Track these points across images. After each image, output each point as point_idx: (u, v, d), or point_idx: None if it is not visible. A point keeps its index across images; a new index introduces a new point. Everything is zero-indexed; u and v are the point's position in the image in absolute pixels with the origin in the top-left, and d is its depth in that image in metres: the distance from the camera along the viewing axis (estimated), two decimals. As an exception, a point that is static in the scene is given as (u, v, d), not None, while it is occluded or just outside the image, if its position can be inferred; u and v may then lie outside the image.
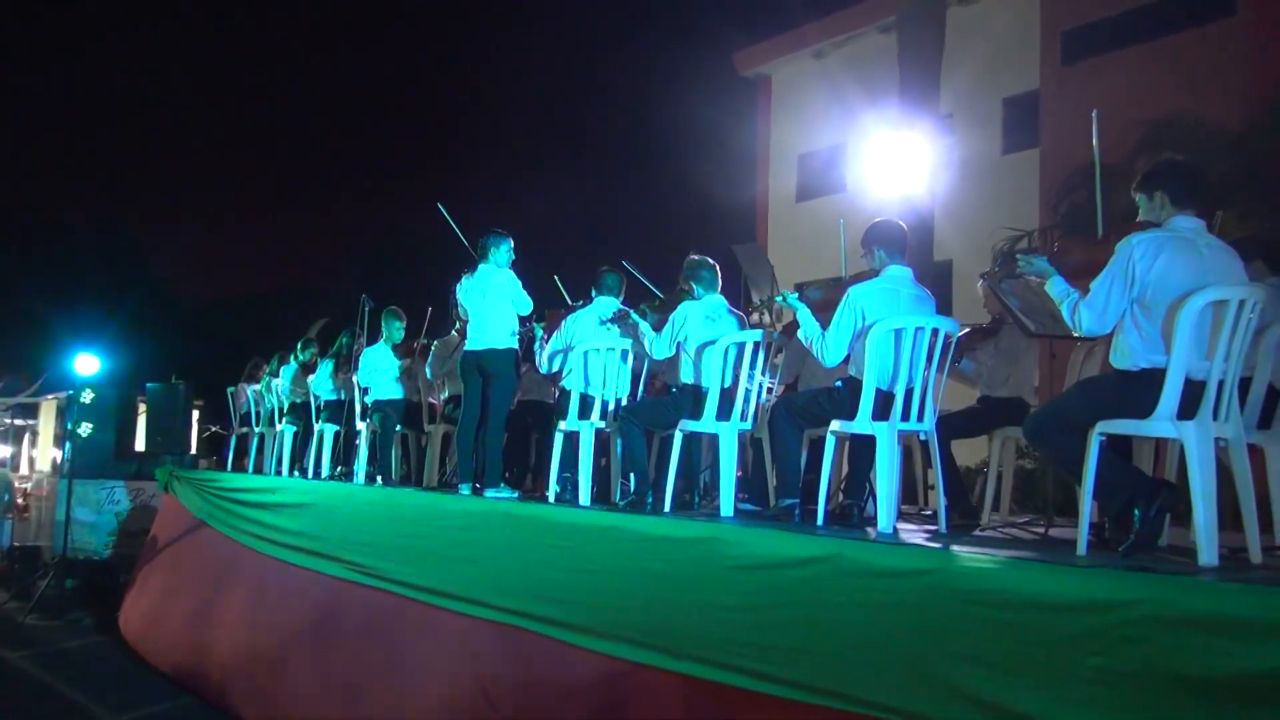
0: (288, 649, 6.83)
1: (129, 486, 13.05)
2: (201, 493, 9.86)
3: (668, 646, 4.10)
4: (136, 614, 10.07)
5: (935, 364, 4.74)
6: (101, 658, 9.75)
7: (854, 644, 3.45)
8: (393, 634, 5.92)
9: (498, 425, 6.73)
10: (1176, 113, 10.71)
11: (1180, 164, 4.04)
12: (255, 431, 11.00)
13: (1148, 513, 3.76)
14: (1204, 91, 12.58)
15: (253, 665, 7.21)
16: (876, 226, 5.15)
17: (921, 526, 5.24)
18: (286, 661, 6.80)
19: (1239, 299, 3.62)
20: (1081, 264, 4.04)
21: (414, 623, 5.75)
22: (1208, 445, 3.61)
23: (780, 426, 5.20)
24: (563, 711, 4.55)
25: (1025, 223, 12.51)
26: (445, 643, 5.45)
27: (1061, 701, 2.84)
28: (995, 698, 2.99)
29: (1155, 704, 2.67)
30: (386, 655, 5.89)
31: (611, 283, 6.62)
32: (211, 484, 9.84)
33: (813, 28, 20.38)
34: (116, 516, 12.92)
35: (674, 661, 4.06)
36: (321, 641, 6.54)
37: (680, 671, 4.02)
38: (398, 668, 5.73)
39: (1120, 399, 3.77)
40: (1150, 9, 14.38)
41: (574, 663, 4.57)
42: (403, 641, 5.82)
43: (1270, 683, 2.49)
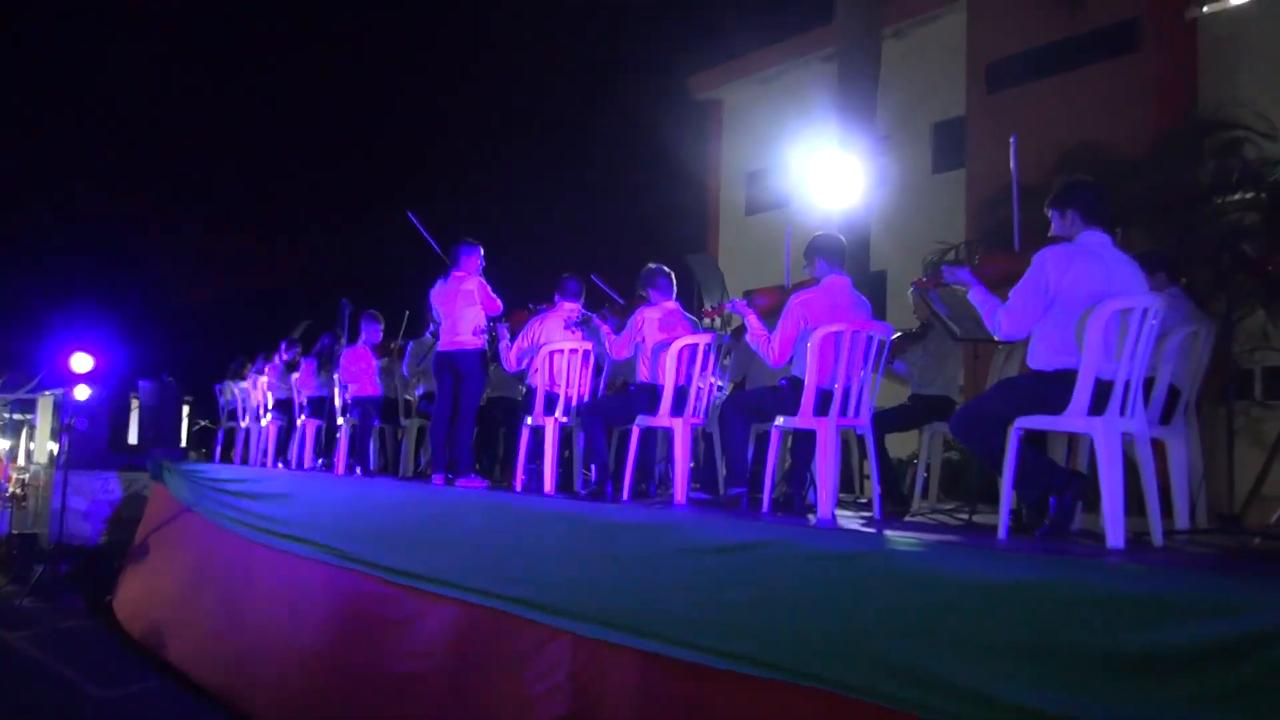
0: (268, 628, 6.73)
1: (121, 477, 12.83)
2: (190, 483, 9.70)
3: (626, 625, 4.08)
4: (127, 597, 9.89)
5: (870, 365, 4.77)
6: (94, 638, 9.58)
7: (795, 621, 3.45)
8: (368, 614, 5.86)
9: (468, 420, 6.69)
10: (1087, 138, 10.86)
11: (1089, 184, 4.08)
12: (242, 426, 10.89)
13: (1061, 501, 3.80)
14: (1111, 120, 12.76)
15: (235, 643, 7.09)
16: (818, 239, 5.18)
17: (857, 513, 5.27)
18: (266, 640, 6.70)
19: (1143, 307, 3.67)
20: (1001, 274, 4.07)
21: (388, 603, 5.69)
22: (1115, 439, 3.66)
23: (729, 422, 5.21)
24: (530, 687, 4.52)
25: (953, 237, 12.60)
26: (418, 623, 5.40)
27: (981, 673, 2.85)
28: (922, 670, 3.00)
29: (1065, 675, 2.68)
30: (362, 634, 5.83)
31: (574, 288, 6.60)
32: (200, 475, 9.69)
33: (761, 56, 20.49)
34: (110, 505, 12.69)
35: (632, 639, 4.04)
36: (299, 621, 6.46)
37: (638, 648, 4.01)
38: (372, 646, 5.67)
39: (1037, 397, 3.81)
40: (1064, 44, 14.56)
41: (540, 641, 4.54)
42: (377, 621, 5.76)
43: (1169, 655, 2.51)
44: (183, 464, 10.94)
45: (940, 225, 13.89)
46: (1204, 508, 4.60)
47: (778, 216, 18.82)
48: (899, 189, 15.99)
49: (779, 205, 19.33)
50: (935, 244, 11.55)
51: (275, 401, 9.98)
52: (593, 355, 6.33)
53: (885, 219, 13.79)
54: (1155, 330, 3.76)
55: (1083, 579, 2.83)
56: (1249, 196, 9.47)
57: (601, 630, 4.19)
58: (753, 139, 20.66)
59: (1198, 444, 4.61)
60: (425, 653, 5.22)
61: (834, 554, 3.50)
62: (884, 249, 12.93)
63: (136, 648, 8.77)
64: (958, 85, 16.59)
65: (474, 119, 33.72)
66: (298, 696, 6.10)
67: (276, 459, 9.74)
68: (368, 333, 8.53)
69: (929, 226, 13.70)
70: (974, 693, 2.84)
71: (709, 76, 21.85)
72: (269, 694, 6.39)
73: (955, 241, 12.11)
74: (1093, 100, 13.79)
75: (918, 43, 17.65)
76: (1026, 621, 2.83)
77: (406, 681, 5.27)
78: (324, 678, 5.94)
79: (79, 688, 7.72)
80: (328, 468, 8.76)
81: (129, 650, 8.82)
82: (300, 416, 9.31)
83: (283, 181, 30.57)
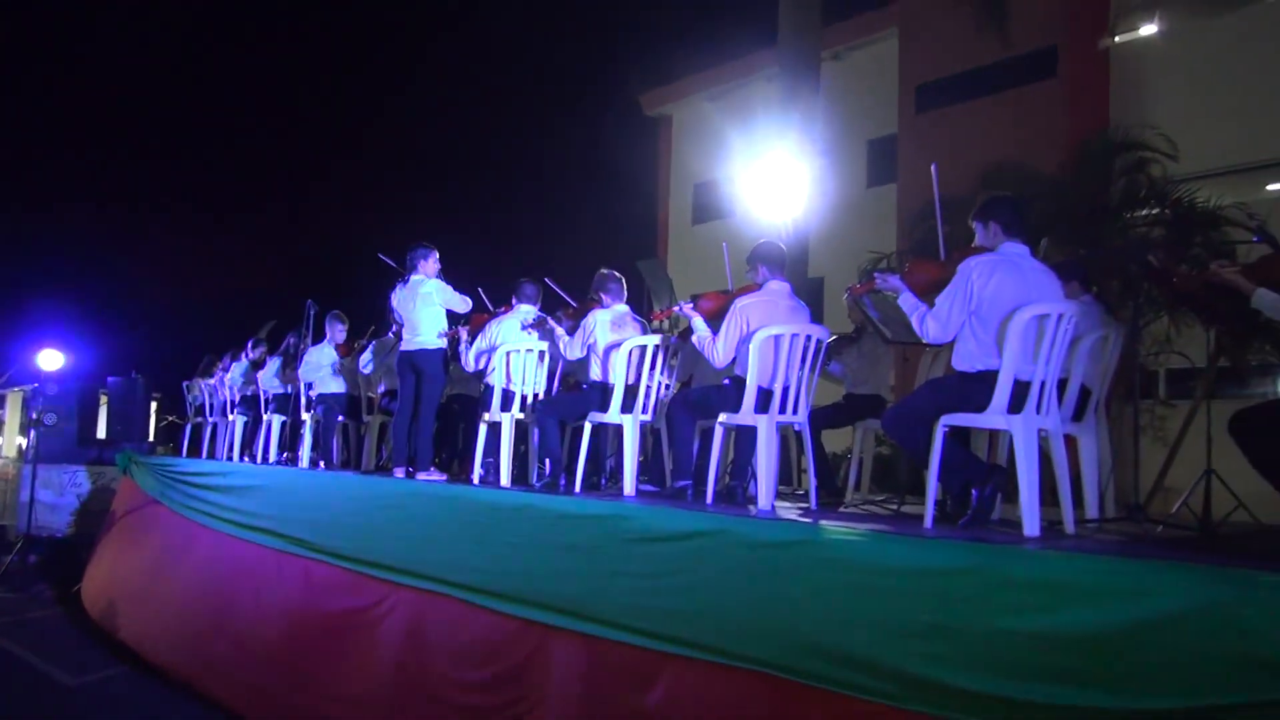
0: (232, 614, 6.59)
1: (90, 471, 12.50)
2: (158, 476, 9.48)
3: (577, 610, 4.07)
4: (94, 586, 9.63)
5: (808, 365, 4.80)
6: (61, 626, 9.30)
7: (736, 606, 3.46)
8: (330, 601, 5.77)
9: (429, 416, 6.64)
10: (1008, 156, 11.03)
11: (1010, 199, 4.15)
12: (209, 421, 10.72)
13: (983, 492, 3.85)
14: (1030, 139, 13.00)
15: (199, 629, 6.93)
16: (761, 247, 5.20)
17: (795, 504, 5.30)
18: (230, 625, 6.56)
19: (1058, 313, 3.74)
20: (929, 281, 4.12)
21: (350, 591, 5.61)
22: (1032, 435, 3.72)
23: (676, 418, 5.22)
24: (482, 670, 4.49)
25: (885, 246, 12.75)
26: (378, 608, 5.33)
27: (907, 653, 2.87)
28: (854, 651, 3.01)
29: (984, 654, 2.71)
30: (323, 620, 5.73)
31: (530, 292, 6.58)
32: (168, 468, 9.48)
33: (708, 75, 20.57)
34: (78, 498, 12.34)
35: (582, 623, 4.03)
36: (263, 608, 6.34)
37: (587, 633, 3.99)
38: (332, 632, 5.58)
39: (961, 396, 3.85)
40: (988, 69, 14.79)
41: (494, 626, 4.50)
42: (338, 607, 5.67)
43: (1078, 635, 2.55)
44: (150, 458, 10.71)
45: (874, 235, 14.06)
46: (1112, 498, 4.69)
47: (723, 226, 18.90)
48: (836, 201, 16.12)
49: (724, 215, 19.41)
50: (869, 253, 11.68)
51: (241, 398, 9.84)
52: (547, 355, 6.31)
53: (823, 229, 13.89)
54: (1069, 335, 3.83)
55: (1000, 565, 2.87)
56: (1155, 212, 9.71)
57: (553, 616, 4.17)
58: (700, 153, 20.74)
59: (1107, 440, 4.70)
60: (383, 638, 5.15)
61: (773, 542, 3.51)
62: (821, 257, 13.02)
63: (103, 636, 8.54)
64: (890, 105, 16.80)
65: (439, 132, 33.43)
66: (259, 679, 5.98)
67: (242, 453, 9.61)
68: (331, 332, 8.45)
69: (863, 236, 13.86)
70: (900, 672, 2.87)
71: (659, 94, 21.91)
72: (231, 677, 6.25)
73: (887, 251, 12.26)
74: (1013, 121, 14.04)
75: (854, 65, 17.86)
76: (949, 605, 2.86)
77: (364, 665, 5.19)
78: (285, 661, 5.84)
79: (47, 675, 7.50)
80: (292, 462, 8.65)
81: (96, 638, 8.59)
82: (266, 412, 9.19)
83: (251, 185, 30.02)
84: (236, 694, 6.14)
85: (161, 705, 6.75)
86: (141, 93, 30.22)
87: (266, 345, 9.72)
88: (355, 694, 5.13)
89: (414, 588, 5.09)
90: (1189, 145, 10.69)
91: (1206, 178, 11.12)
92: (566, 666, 4.05)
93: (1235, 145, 12.89)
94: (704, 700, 3.47)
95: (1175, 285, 4.44)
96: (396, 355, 6.88)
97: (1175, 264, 4.75)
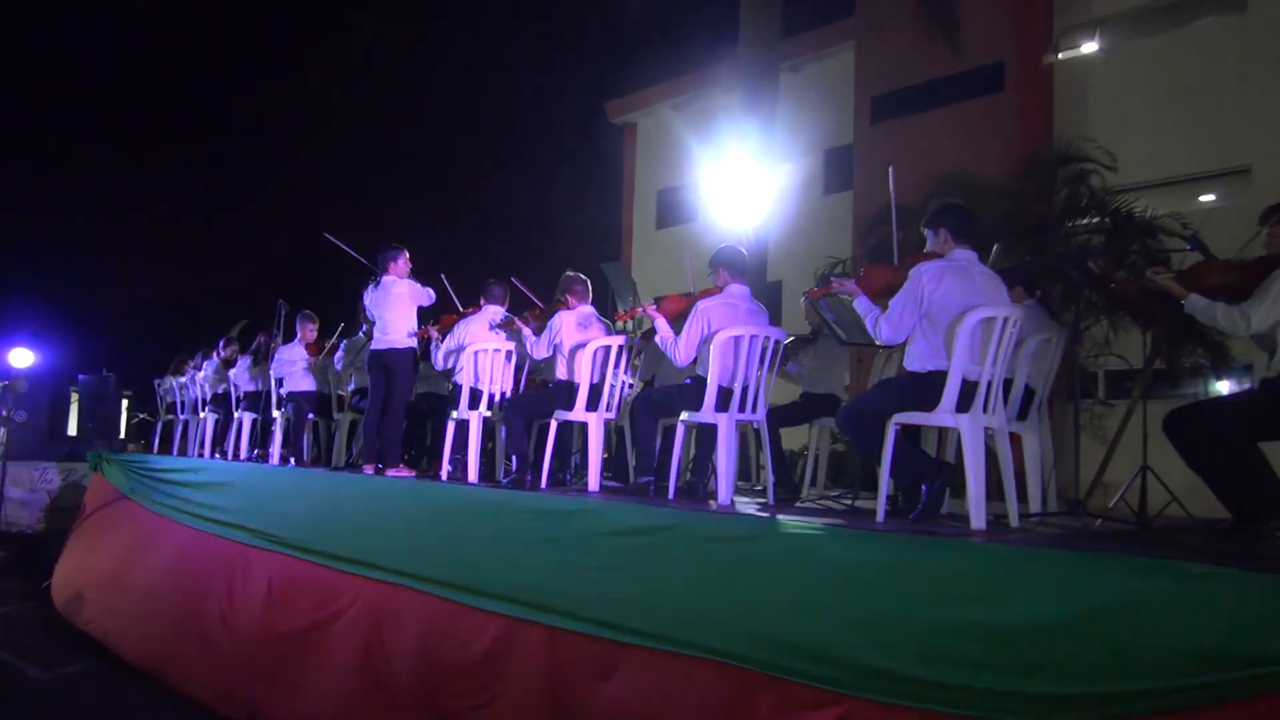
0: (202, 607, 6.48)
1: (60, 468, 12.23)
2: (129, 472, 9.31)
3: (541, 603, 4.04)
4: (64, 581, 9.42)
5: (767, 366, 4.82)
6: (31, 621, 9.10)
7: (696, 598, 3.46)
8: (299, 595, 5.69)
9: (399, 414, 6.60)
10: (958, 166, 11.15)
11: (959, 207, 4.19)
12: (180, 419, 10.55)
13: (932, 487, 3.89)
14: (979, 150, 13.17)
15: (169, 625, 6.82)
16: (722, 251, 5.21)
17: (754, 499, 5.32)
18: (200, 618, 6.45)
19: (1004, 316, 3.78)
20: (882, 285, 4.15)
21: (318, 585, 5.54)
22: (979, 433, 3.76)
23: (639, 416, 5.22)
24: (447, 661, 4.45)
25: (841, 251, 12.84)
26: (345, 601, 5.26)
27: (859, 642, 2.89)
28: (807, 640, 3.02)
29: (931, 643, 2.74)
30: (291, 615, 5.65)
31: (498, 293, 6.54)
32: (139, 465, 9.32)
33: (670, 84, 20.62)
34: (48, 495, 12.08)
35: (546, 616, 4.00)
36: (233, 601, 6.24)
37: (550, 625, 3.97)
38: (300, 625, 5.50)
39: (912, 395, 3.88)
40: (940, 82, 14.96)
41: (460, 619, 4.47)
42: (307, 601, 5.60)
43: (1022, 625, 2.58)
44: (122, 455, 10.51)
45: (830, 241, 14.16)
46: (1054, 493, 4.76)
47: (685, 230, 18.96)
48: (794, 208, 16.23)
49: (686, 220, 19.48)
50: (825, 258, 11.76)
51: (212, 395, 9.69)
52: (514, 355, 6.28)
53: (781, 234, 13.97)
54: (1014, 337, 3.88)
55: (947, 557, 2.90)
56: (1095, 221, 9.88)
57: (518, 609, 4.15)
58: (663, 160, 20.78)
59: (1049, 437, 4.77)
60: (351, 631, 5.10)
61: (731, 536, 3.52)
62: (780, 261, 13.10)
63: (72, 631, 8.36)
64: (847, 116, 16.94)
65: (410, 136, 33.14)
66: (229, 672, 5.89)
67: (213, 451, 9.46)
68: (302, 331, 8.35)
69: (820, 242, 13.96)
70: (852, 661, 2.88)
71: (624, 102, 21.92)
72: (202, 670, 6.15)
73: (843, 256, 12.35)
74: (963, 132, 14.22)
75: (812, 77, 17.98)
76: (900, 595, 2.88)
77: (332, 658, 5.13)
78: (254, 653, 5.75)
79: (17, 669, 7.33)
80: (263, 459, 8.54)
81: (65, 634, 8.40)
82: (237, 410, 9.06)
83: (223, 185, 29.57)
84: (206, 687, 6.04)
85: (132, 700, 6.62)
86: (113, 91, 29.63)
87: (238, 344, 9.58)
88: (322, 686, 5.07)
89: (382, 581, 5.03)
90: (1127, 158, 10.89)
91: (1143, 189, 11.37)
92: (530, 658, 4.03)
93: (1170, 158, 13.17)
94: (664, 689, 3.47)
95: (1114, 290, 4.51)
96: (367, 354, 6.82)
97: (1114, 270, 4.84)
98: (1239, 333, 3.56)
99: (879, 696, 2.78)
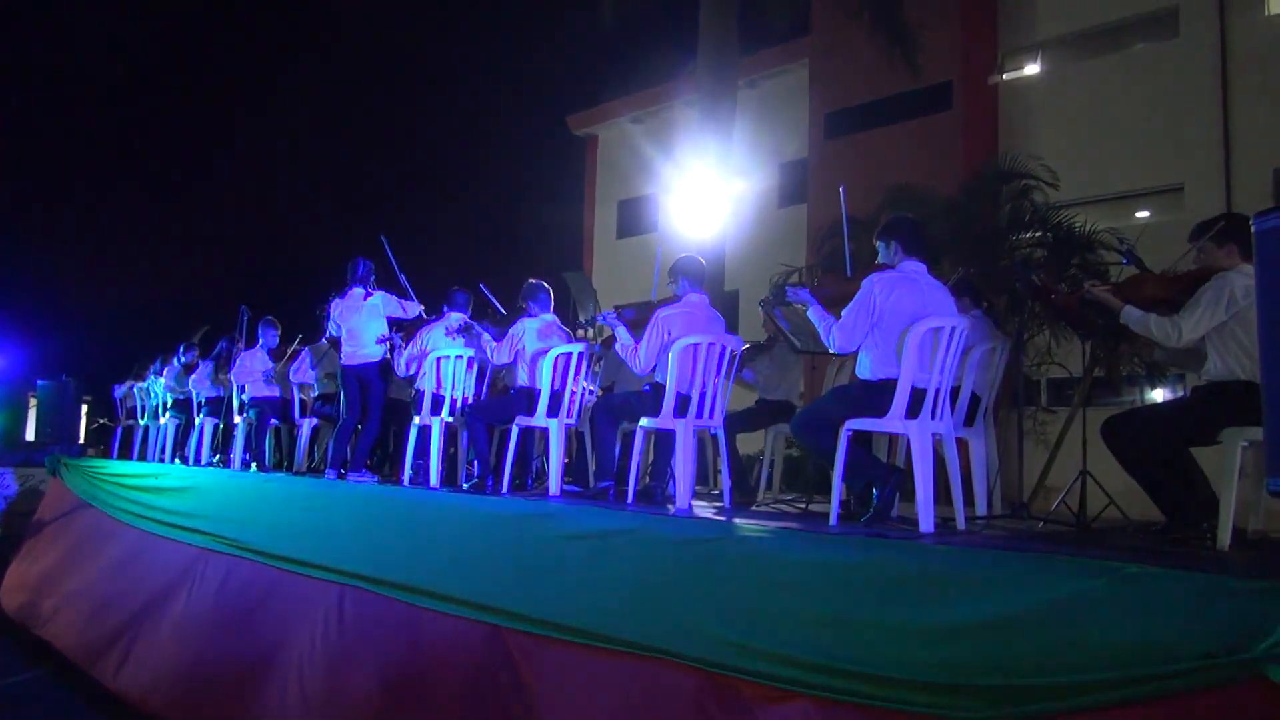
0: (160, 613, 6.34)
1: (17, 472, 11.87)
2: (88, 478, 9.10)
3: (501, 607, 4.01)
4: (18, 586, 9.17)
5: (724, 373, 4.84)
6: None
7: (654, 600, 3.45)
8: (258, 598, 5.59)
9: (375, 420, 6.66)
10: (908, 180, 11.30)
11: (910, 220, 4.25)
12: (140, 424, 10.33)
13: (883, 491, 3.93)
14: (929, 165, 13.37)
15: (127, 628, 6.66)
16: (681, 260, 5.23)
17: (711, 503, 5.33)
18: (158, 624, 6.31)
19: (951, 326, 3.84)
20: (835, 295, 4.18)
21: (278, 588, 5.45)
22: (927, 439, 3.81)
23: (599, 422, 5.21)
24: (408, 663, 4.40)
25: (796, 262, 12.94)
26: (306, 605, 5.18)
27: (814, 643, 2.90)
28: (762, 640, 3.03)
29: (879, 641, 2.75)
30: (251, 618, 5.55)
31: (461, 299, 6.51)
32: (98, 470, 9.11)
33: (631, 99, 20.69)
34: (5, 500, 11.72)
35: (504, 620, 3.97)
36: (192, 606, 6.11)
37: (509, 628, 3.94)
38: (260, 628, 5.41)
39: (864, 402, 3.91)
40: (891, 100, 15.17)
41: (419, 622, 4.41)
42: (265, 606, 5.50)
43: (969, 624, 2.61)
44: (81, 460, 10.27)
45: (785, 252, 14.27)
46: (999, 497, 4.84)
47: (645, 240, 19.01)
48: (750, 219, 16.38)
49: (646, 230, 19.54)
50: (781, 267, 11.86)
51: (173, 401, 9.51)
52: (477, 361, 6.25)
53: (738, 245, 14.08)
54: (961, 346, 3.94)
55: (897, 559, 2.93)
56: (1038, 235, 10.08)
57: (477, 613, 4.11)
58: (623, 171, 20.82)
59: (994, 443, 4.84)
60: (311, 633, 5.01)
61: (690, 540, 3.52)
62: (737, 271, 13.19)
63: (24, 637, 8.13)
64: (801, 131, 17.10)
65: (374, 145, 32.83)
66: (182, 678, 5.75)
67: (174, 456, 9.28)
68: (265, 337, 8.22)
69: (776, 252, 14.05)
70: (806, 660, 2.89)
71: (585, 116, 21.94)
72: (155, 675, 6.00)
73: (798, 265, 12.46)
74: (913, 148, 14.43)
75: (768, 93, 18.16)
76: (852, 595, 2.90)
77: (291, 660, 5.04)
78: (213, 658, 5.63)
79: (-32, 676, 7.11)
80: (223, 464, 8.40)
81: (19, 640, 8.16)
82: (198, 416, 8.89)
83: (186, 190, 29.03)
84: (160, 695, 5.89)
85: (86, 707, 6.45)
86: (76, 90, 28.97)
87: (199, 349, 9.41)
88: (279, 693, 4.97)
89: (342, 584, 4.96)
90: (1068, 175, 11.14)
91: (1083, 204, 11.62)
92: (490, 660, 3.99)
93: (1108, 176, 13.50)
94: (623, 691, 3.46)
95: (1055, 302, 4.59)
96: (341, 368, 6.77)
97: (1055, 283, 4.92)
98: (1170, 343, 3.65)
99: (833, 695, 2.80)
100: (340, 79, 33.56)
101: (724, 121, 11.15)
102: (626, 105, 20.80)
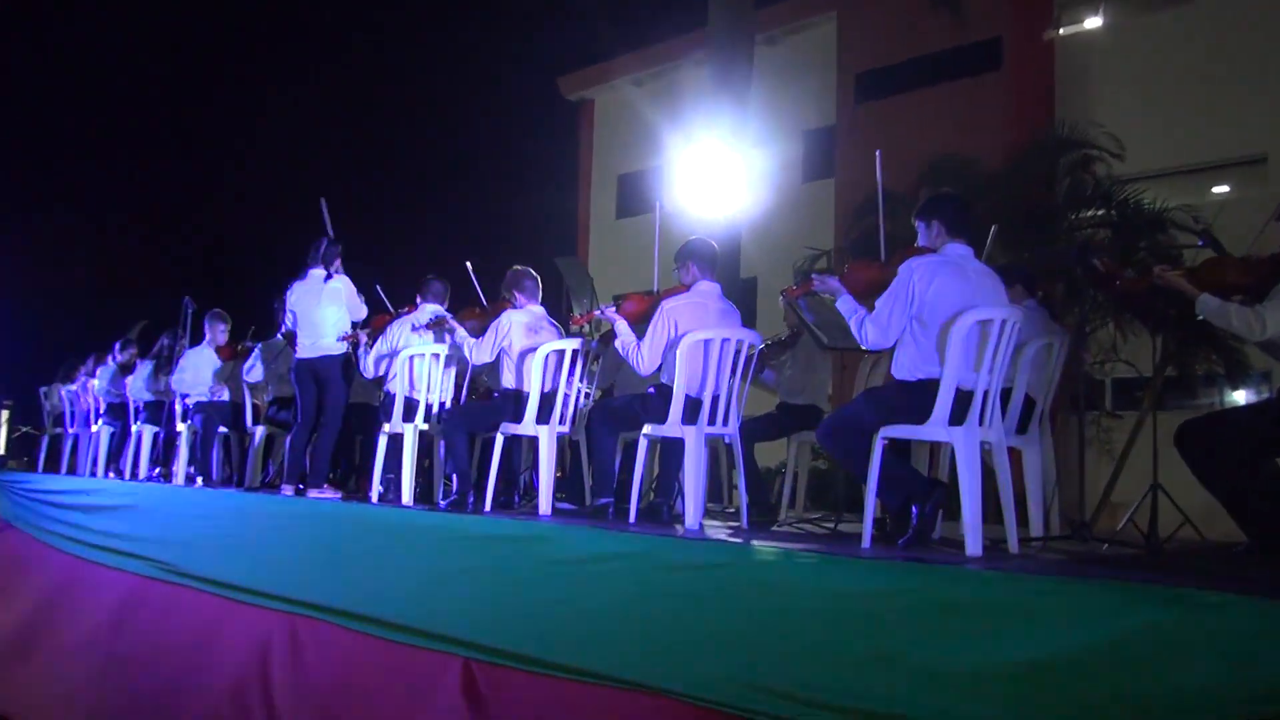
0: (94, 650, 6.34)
1: (-72, 489, 11.95)
2: (9, 494, 9.11)
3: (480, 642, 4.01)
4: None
5: (739, 373, 4.84)
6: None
7: (660, 634, 3.45)
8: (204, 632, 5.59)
9: (332, 429, 6.59)
10: (951, 151, 11.31)
11: (954, 197, 4.24)
12: (69, 433, 10.35)
13: (923, 509, 3.90)
14: (973, 134, 13.36)
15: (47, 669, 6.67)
16: (692, 243, 5.22)
17: (725, 523, 5.33)
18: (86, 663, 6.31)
19: (1002, 319, 3.82)
20: (868, 283, 4.17)
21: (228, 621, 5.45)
22: (974, 448, 3.79)
23: (596, 430, 5.20)
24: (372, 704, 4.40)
25: (822, 244, 12.95)
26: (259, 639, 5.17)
27: (839, 686, 2.89)
28: (785, 682, 3.02)
29: (918, 684, 2.74)
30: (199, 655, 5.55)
31: (437, 289, 6.50)
32: (21, 485, 9.12)
33: (632, 58, 20.64)
34: (-86, 520, 11.79)
35: (486, 655, 3.97)
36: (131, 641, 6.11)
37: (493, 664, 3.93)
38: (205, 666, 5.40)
39: (901, 406, 3.90)
40: (931, 58, 15.18)
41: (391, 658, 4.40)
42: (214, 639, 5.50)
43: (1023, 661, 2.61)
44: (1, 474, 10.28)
45: (810, 233, 14.28)
46: (1057, 514, 4.83)
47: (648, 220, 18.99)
48: (770, 196, 16.32)
49: (649, 209, 19.50)
50: (805, 249, 11.85)
51: (107, 406, 9.51)
52: (454, 360, 6.24)
53: (756, 226, 14.07)
54: (1013, 341, 3.92)
55: (940, 588, 2.92)
56: (1100, 213, 10.08)
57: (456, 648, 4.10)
58: (624, 142, 20.82)
59: (1051, 453, 4.83)
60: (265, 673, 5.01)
61: (699, 565, 3.51)
62: (754, 255, 13.18)
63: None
64: (829, 94, 17.09)
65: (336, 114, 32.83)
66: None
67: (108, 469, 9.29)
68: (212, 333, 8.22)
69: (799, 233, 14.07)
70: (833, 704, 2.89)
71: (580, 76, 21.92)
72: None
73: (824, 249, 12.47)
74: (956, 114, 14.43)
75: (791, 51, 18.12)
76: (887, 630, 2.90)
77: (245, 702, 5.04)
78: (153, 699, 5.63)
79: None
80: (165, 478, 8.41)
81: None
82: (135, 422, 8.90)
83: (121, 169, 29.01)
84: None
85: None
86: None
87: (136, 347, 9.43)
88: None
89: (303, 616, 4.96)
90: (1135, 144, 11.13)
91: (1152, 178, 11.61)
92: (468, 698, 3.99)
93: (1181, 145, 13.48)
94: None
95: (1120, 289, 4.58)
96: (294, 362, 6.74)
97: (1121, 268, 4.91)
98: (1253, 336, 3.64)
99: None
100: (301, 45, 33.57)
101: (739, 84, 11.14)
102: (627, 65, 20.78)
